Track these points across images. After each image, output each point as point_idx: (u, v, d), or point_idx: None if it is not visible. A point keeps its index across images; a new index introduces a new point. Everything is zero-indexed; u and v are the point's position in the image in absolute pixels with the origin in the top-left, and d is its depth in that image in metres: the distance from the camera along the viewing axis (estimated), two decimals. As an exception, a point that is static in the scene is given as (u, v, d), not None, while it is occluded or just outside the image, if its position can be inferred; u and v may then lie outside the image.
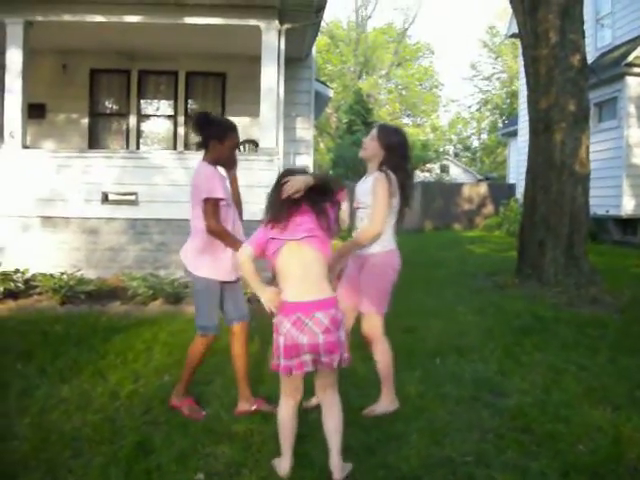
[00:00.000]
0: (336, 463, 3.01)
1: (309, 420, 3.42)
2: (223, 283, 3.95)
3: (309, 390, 3.36)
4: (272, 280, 3.62)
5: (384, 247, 3.99)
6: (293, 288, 3.06)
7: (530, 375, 4.72)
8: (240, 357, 4.02)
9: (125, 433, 3.54)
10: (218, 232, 3.82)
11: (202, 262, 3.89)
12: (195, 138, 4.10)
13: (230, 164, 4.07)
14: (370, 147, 4.04)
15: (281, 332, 3.01)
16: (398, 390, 4.28)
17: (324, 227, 3.11)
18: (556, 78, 8.93)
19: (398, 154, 3.99)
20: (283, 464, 3.12)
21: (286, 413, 3.16)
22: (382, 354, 4.05)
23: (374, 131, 4.09)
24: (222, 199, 3.83)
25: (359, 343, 4.23)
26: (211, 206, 3.79)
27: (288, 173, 3.17)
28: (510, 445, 3.45)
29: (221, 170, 4.04)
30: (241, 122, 11.50)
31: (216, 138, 3.92)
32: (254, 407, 3.93)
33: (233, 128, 4.02)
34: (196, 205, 3.87)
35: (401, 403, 4.09)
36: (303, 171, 3.20)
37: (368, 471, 3.12)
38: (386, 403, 4.00)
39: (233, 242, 3.81)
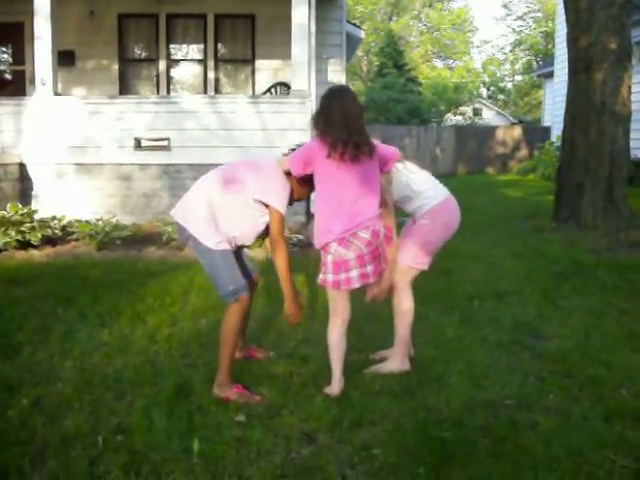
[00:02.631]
0: None
1: (348, 362, 3.42)
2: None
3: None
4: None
5: (433, 202, 3.66)
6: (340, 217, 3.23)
7: (570, 319, 4.66)
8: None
9: (165, 375, 3.58)
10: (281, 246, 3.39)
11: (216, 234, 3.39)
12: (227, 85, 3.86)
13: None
14: None
15: (329, 251, 3.25)
16: (437, 332, 4.29)
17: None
18: (597, 14, 8.56)
19: None
20: (335, 386, 3.31)
21: (336, 333, 3.36)
22: (402, 306, 3.71)
23: None
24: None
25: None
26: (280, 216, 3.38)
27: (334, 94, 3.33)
28: (552, 389, 3.41)
29: None
30: (272, 65, 11.38)
31: None
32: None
33: None
34: (242, 190, 3.38)
35: (439, 346, 4.08)
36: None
37: (409, 413, 3.11)
38: (396, 363, 3.69)
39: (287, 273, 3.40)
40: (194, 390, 3.37)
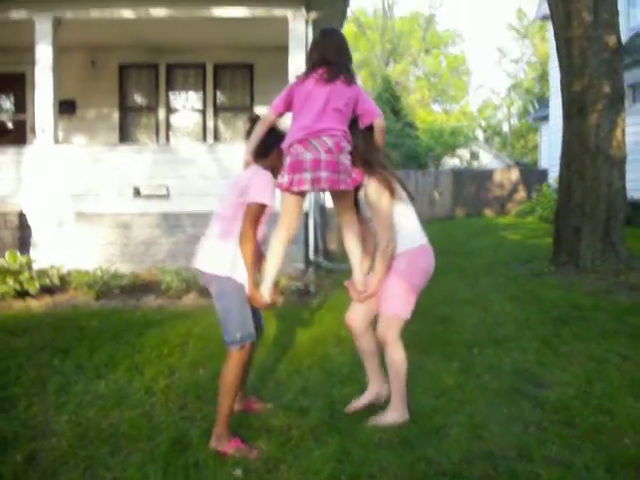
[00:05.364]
0: None
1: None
2: None
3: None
4: None
5: (411, 244, 3.64)
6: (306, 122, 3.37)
7: (570, 366, 4.61)
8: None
9: (162, 429, 3.53)
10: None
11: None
12: (226, 133, 3.97)
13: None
14: None
15: (291, 152, 3.34)
16: (436, 381, 4.23)
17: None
18: (590, 60, 8.71)
19: None
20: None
21: (277, 243, 3.42)
22: (395, 359, 3.62)
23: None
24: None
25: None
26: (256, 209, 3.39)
27: None
28: (553, 439, 3.36)
29: None
30: (270, 113, 11.49)
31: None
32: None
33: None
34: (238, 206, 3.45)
35: (439, 395, 4.04)
36: None
37: (408, 466, 3.07)
38: (395, 415, 3.61)
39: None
40: (191, 444, 3.32)
